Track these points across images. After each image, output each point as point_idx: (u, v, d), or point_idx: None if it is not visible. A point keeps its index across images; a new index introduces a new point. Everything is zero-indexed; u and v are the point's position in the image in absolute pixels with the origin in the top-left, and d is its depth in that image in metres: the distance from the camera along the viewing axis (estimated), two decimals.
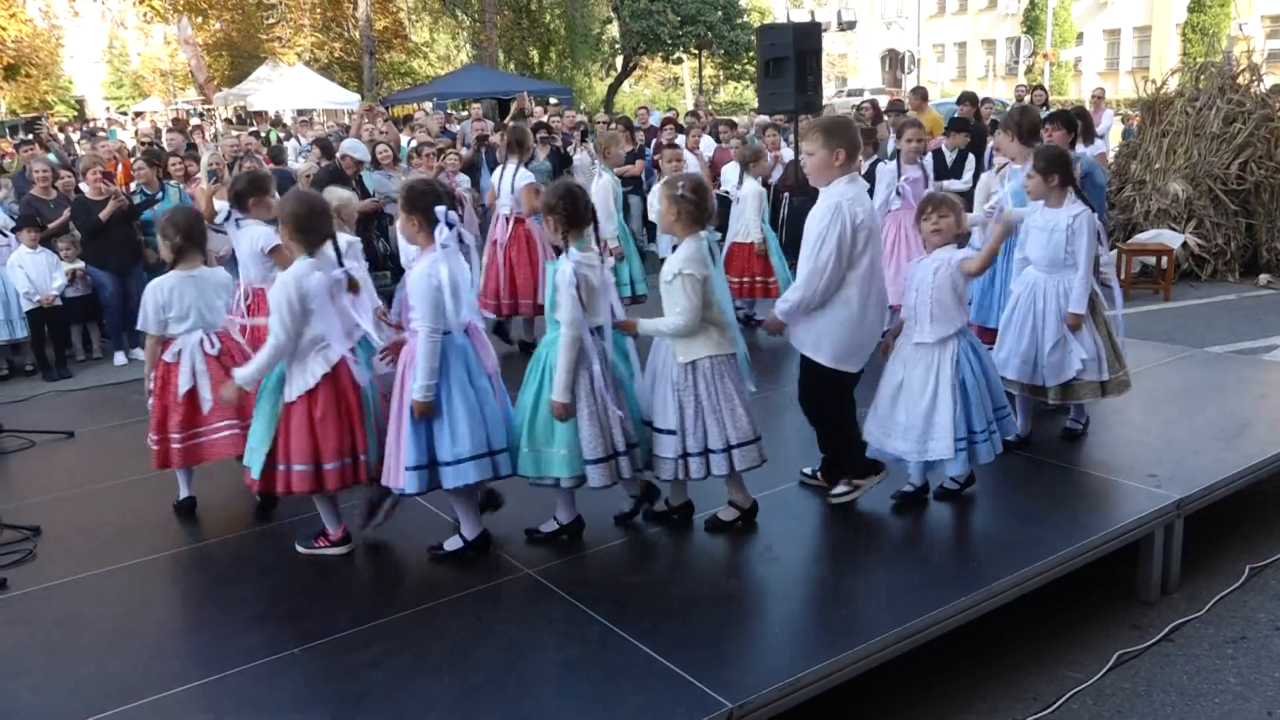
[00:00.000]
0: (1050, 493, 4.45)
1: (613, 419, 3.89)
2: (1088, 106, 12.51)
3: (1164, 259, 10.13)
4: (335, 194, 5.13)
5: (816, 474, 4.57)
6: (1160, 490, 4.35)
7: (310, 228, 3.89)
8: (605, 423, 3.88)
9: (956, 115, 10.28)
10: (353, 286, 3.96)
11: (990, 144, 10.62)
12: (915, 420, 4.17)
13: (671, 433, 3.96)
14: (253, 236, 5.08)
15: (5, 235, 8.37)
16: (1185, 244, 10.47)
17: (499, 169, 7.43)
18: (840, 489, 4.38)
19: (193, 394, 4.51)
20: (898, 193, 6.84)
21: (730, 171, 8.34)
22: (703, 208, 3.92)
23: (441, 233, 3.79)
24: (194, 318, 4.53)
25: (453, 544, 4.05)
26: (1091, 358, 4.75)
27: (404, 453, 3.81)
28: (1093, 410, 5.50)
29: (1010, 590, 3.69)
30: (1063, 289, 4.77)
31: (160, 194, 9.07)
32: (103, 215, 8.36)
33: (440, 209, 3.81)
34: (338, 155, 9.55)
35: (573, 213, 3.86)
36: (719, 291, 3.97)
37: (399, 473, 3.83)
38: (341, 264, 3.91)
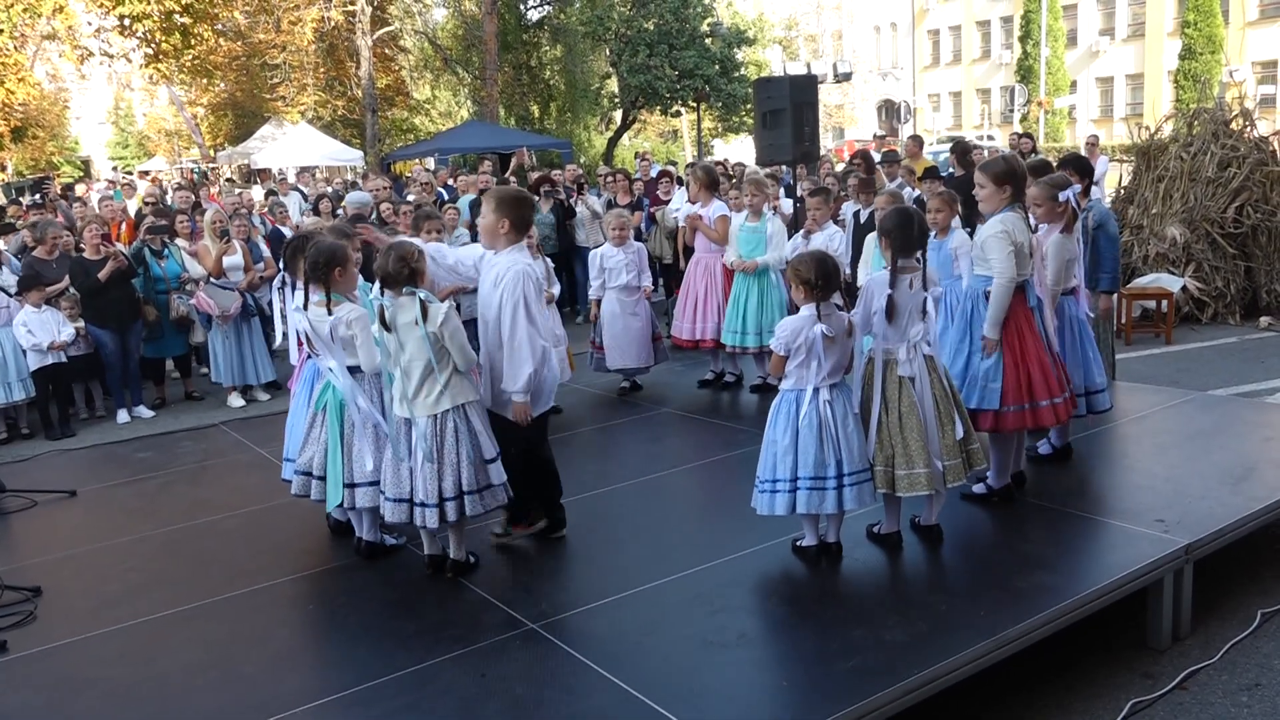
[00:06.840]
0: (1057, 539, 4.42)
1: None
2: (1082, 153, 12.61)
3: (1164, 303, 10.15)
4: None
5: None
6: (1168, 535, 4.31)
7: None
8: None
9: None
10: None
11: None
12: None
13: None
14: None
15: (8, 294, 8.41)
16: (1185, 287, 10.50)
17: None
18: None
19: None
20: None
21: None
22: None
23: None
24: None
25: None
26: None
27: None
28: (1098, 456, 5.49)
29: (1019, 640, 3.65)
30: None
31: (165, 250, 9.14)
32: (101, 275, 8.42)
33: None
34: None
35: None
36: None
37: None
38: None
